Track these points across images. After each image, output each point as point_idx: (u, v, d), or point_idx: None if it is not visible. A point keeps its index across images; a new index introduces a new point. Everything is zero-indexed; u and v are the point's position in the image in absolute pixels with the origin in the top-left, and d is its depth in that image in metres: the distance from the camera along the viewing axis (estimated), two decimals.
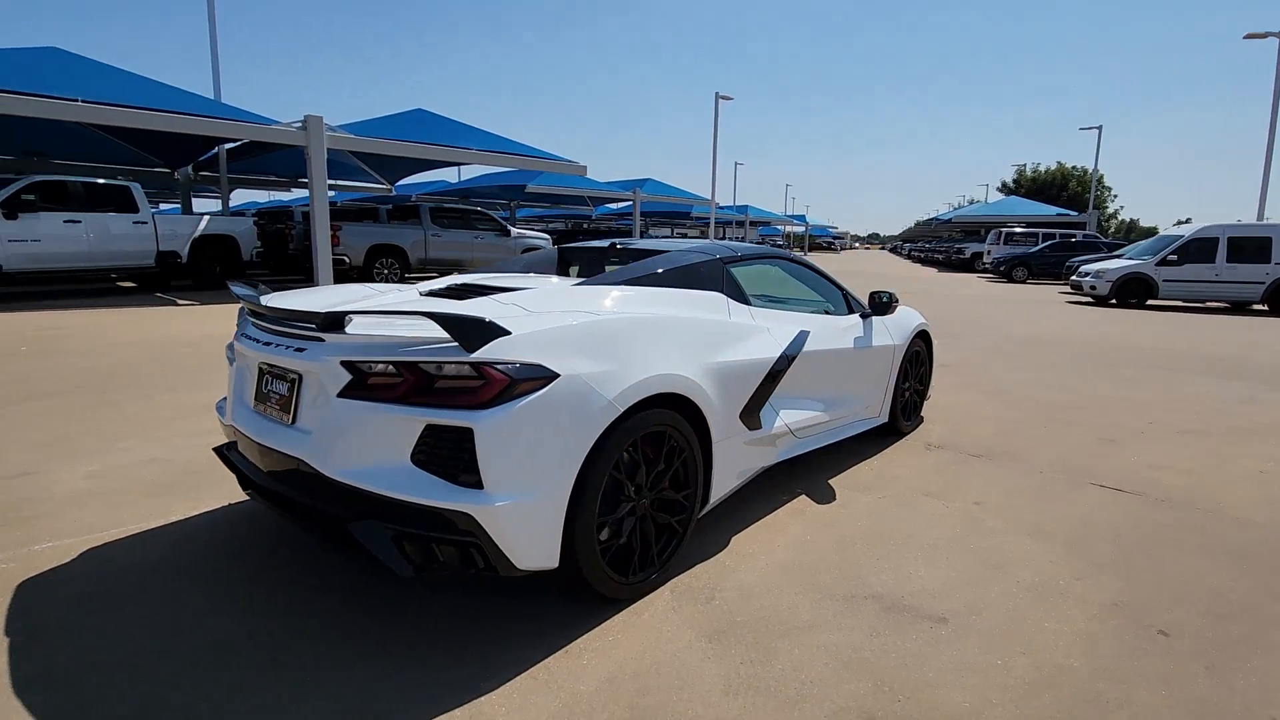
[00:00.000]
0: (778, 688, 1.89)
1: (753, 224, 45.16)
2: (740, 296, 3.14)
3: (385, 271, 14.10)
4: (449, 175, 37.31)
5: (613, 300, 2.55)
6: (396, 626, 2.14)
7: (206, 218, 13.53)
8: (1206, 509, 3.22)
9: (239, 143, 15.13)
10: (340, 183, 23.69)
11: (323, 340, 2.08)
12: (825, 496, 3.29)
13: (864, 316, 3.89)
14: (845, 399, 3.64)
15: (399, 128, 14.14)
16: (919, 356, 4.43)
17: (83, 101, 10.12)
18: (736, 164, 44.72)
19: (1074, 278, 14.91)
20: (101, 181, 11.98)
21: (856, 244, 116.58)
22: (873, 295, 3.89)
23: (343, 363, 1.99)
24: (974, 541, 2.83)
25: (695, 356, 2.50)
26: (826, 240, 67.85)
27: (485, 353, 1.90)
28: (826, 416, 3.45)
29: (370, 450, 1.96)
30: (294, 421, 2.14)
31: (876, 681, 1.93)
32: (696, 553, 2.68)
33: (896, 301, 3.91)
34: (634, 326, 2.32)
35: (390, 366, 1.94)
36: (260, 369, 2.33)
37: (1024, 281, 21.36)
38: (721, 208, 42.49)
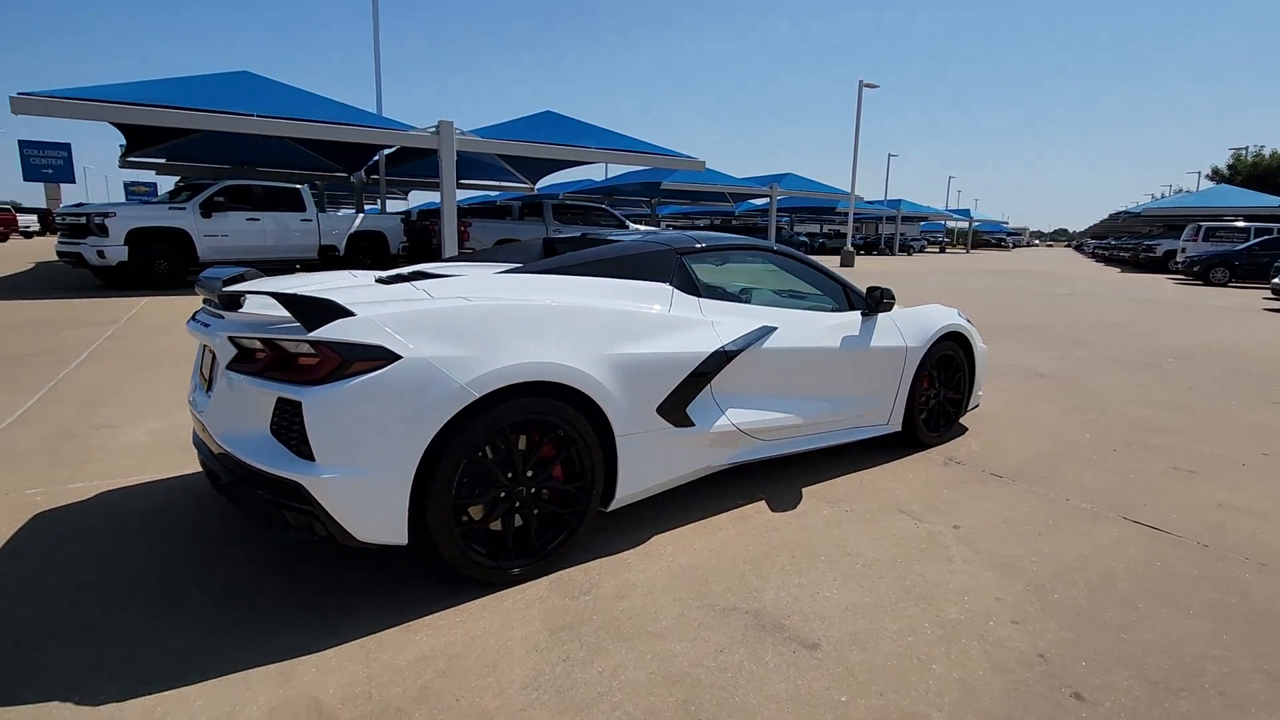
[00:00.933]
0: (578, 690, 1.83)
1: (906, 219, 42.30)
2: (691, 288, 3.02)
3: None
4: (596, 173, 38.74)
5: (525, 287, 2.57)
6: (287, 591, 2.32)
7: (361, 216, 15.16)
8: (1256, 561, 2.61)
9: (393, 148, 16.84)
10: (489, 183, 25.51)
11: (222, 317, 2.31)
12: (786, 504, 3.08)
13: (865, 315, 3.56)
14: (833, 402, 3.37)
15: (527, 130, 14.96)
16: (951, 361, 3.97)
17: (258, 116, 11.77)
18: (890, 155, 42.04)
19: (1275, 280, 12.43)
20: (276, 185, 13.84)
21: (1036, 241, 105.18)
22: (869, 291, 3.55)
23: (229, 338, 2.21)
24: (917, 568, 2.52)
25: (590, 346, 2.45)
26: (996, 237, 61.80)
27: (324, 332, 2.02)
28: (801, 420, 3.21)
29: (244, 418, 2.15)
30: (209, 389, 2.40)
31: (687, 699, 1.80)
32: (606, 546, 2.64)
33: (891, 298, 3.54)
34: (509, 313, 2.33)
35: (258, 342, 2.12)
36: (201, 345, 2.63)
37: (1224, 284, 18.12)
38: (871, 202, 40.32)
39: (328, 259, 14.13)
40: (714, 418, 2.88)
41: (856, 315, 3.54)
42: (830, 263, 29.18)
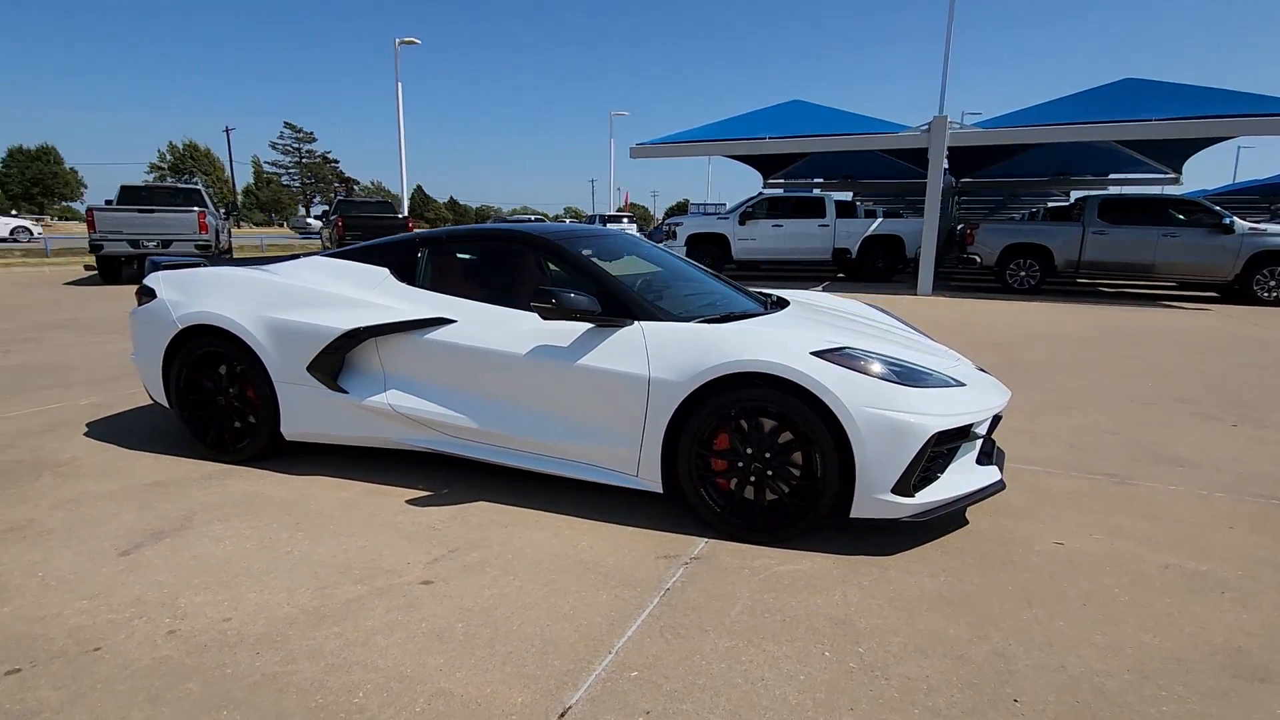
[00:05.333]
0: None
1: None
2: (407, 275, 3.23)
3: (1022, 274, 12.53)
4: None
5: (288, 266, 3.50)
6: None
7: (879, 220, 15.32)
8: None
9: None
10: (1119, 176, 20.78)
11: None
12: (432, 501, 2.93)
13: (600, 324, 2.72)
14: (529, 419, 2.85)
15: (1083, 107, 12.10)
16: (785, 422, 2.43)
17: (770, 139, 13.66)
18: None
19: None
20: (805, 195, 15.56)
21: None
22: (539, 292, 2.67)
23: None
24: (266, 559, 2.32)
25: (253, 308, 3.21)
26: None
27: (146, 280, 3.59)
28: (475, 425, 2.93)
29: None
30: None
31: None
32: (291, 468, 3.29)
33: (560, 302, 2.56)
34: (213, 277, 3.39)
35: None
36: None
37: None
38: None
39: (840, 261, 15.02)
40: (371, 392, 3.09)
41: (576, 324, 2.76)
42: None
